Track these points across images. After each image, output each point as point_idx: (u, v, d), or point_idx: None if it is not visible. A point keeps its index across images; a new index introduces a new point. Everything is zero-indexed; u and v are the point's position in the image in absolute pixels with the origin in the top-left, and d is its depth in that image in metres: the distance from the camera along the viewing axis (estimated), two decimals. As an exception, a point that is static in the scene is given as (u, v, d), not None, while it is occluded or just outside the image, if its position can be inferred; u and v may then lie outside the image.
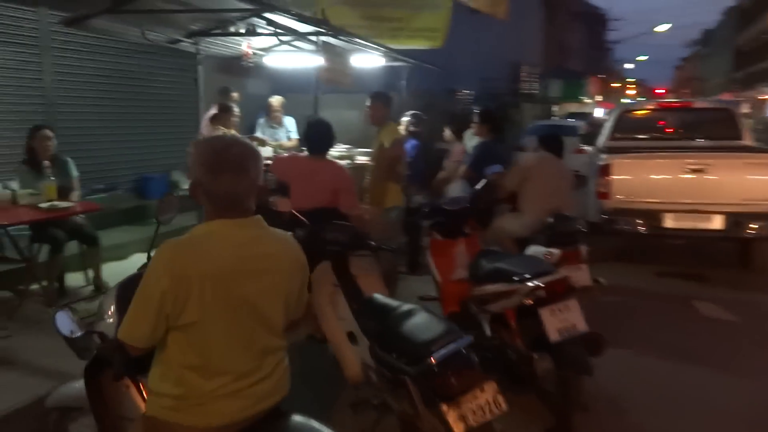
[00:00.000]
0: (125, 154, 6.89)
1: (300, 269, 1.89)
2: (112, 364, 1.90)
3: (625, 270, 6.46)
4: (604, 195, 6.42)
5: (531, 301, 3.29)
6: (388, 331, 2.80)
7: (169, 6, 4.23)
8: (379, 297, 3.18)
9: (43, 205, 4.14)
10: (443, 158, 6.89)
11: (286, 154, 4.79)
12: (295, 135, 6.72)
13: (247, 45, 4.71)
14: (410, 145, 6.40)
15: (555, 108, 30.42)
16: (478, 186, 4.43)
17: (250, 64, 4.81)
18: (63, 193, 4.74)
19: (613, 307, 5.16)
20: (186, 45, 5.31)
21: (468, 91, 20.98)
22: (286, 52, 5.89)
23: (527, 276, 3.38)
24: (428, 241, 4.46)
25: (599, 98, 39.38)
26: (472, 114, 7.20)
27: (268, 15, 4.30)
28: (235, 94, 6.37)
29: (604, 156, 6.67)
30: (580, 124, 15.33)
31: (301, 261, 1.89)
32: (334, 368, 3.24)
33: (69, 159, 4.89)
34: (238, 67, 7.68)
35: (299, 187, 4.30)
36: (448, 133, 6.62)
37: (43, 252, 4.62)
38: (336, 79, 4.77)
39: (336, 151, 6.24)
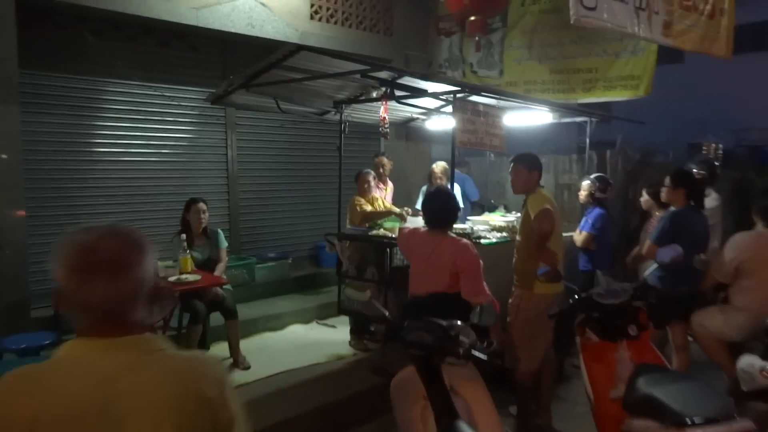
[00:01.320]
0: (296, 223, 7.04)
1: (198, 410, 1.29)
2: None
3: None
4: None
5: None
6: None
7: (295, 75, 4.11)
8: (460, 426, 2.39)
9: (172, 278, 4.23)
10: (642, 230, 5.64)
11: (410, 226, 4.24)
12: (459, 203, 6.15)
13: (383, 109, 4.37)
14: (595, 214, 5.37)
15: None
16: (648, 272, 3.33)
17: (386, 130, 4.46)
18: (210, 264, 4.86)
19: None
20: (331, 114, 5.21)
21: (717, 145, 17.96)
22: (448, 115, 5.43)
23: (689, 419, 2.27)
24: (579, 342, 3.46)
25: None
26: (711, 171, 5.86)
27: (376, 74, 3.91)
28: (384, 159, 6.10)
29: None
30: None
31: (201, 399, 1.29)
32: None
33: (219, 230, 5.03)
34: (414, 132, 7.50)
35: (416, 268, 3.72)
36: (645, 198, 5.39)
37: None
38: (477, 141, 4.13)
39: (504, 219, 5.50)
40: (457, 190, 6.23)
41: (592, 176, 5.66)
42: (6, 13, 4.60)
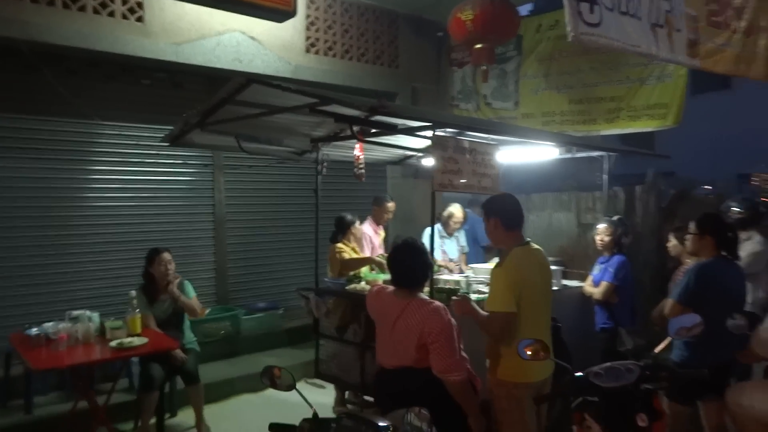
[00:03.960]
0: (289, 269, 6.49)
1: None
2: None
3: None
4: None
5: None
6: None
7: (251, 111, 3.64)
8: None
9: (112, 343, 3.74)
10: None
11: (379, 284, 3.62)
12: (466, 248, 5.51)
13: (359, 148, 3.85)
14: (617, 262, 4.68)
15: None
16: (659, 349, 2.63)
17: (361, 170, 3.93)
18: (175, 321, 4.40)
19: None
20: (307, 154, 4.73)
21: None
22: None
23: None
24: (576, 432, 2.76)
25: None
26: (753, 210, 5.09)
27: (341, 110, 3.38)
28: (389, 204, 5.52)
29: None
30: None
31: None
32: None
33: (186, 281, 4.55)
34: (425, 170, 6.92)
35: (381, 336, 3.11)
36: (673, 242, 4.64)
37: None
38: (461, 183, 3.54)
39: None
40: (461, 234, 5.63)
41: (615, 218, 4.97)
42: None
